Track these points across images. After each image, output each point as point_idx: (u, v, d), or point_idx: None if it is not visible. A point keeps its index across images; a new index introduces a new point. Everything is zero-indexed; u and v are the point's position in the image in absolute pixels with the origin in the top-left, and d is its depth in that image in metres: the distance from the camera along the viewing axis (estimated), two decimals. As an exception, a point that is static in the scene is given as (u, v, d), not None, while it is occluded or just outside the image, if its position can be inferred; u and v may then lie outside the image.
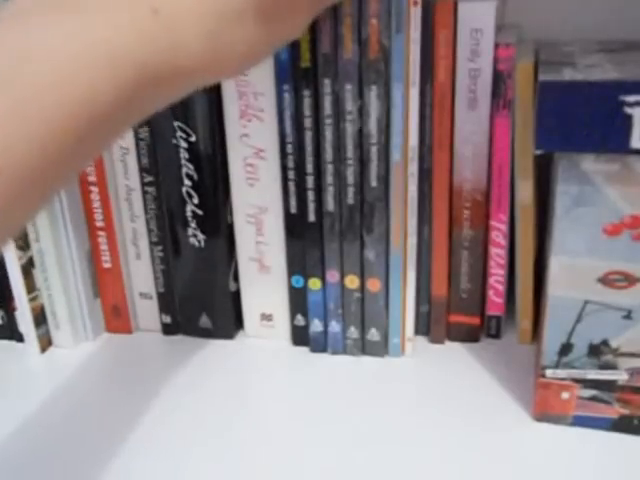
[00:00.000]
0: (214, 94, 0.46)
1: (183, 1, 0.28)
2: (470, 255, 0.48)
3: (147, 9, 0.27)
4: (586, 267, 0.39)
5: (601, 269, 0.39)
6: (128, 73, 0.26)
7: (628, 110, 0.35)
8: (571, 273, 0.40)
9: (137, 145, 0.48)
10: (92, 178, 0.50)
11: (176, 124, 0.47)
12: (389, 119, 0.43)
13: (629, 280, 0.39)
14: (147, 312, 0.54)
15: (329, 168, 0.45)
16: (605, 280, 0.39)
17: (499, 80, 0.44)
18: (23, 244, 0.50)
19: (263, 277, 0.50)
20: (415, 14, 0.42)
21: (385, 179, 0.45)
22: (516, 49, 0.44)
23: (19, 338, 0.54)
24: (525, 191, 0.46)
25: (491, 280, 0.49)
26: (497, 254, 0.48)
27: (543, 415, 0.42)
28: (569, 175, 0.38)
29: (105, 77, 0.25)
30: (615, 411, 0.41)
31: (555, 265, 0.40)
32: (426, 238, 0.48)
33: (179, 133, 0.47)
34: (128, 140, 0.49)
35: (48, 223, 0.49)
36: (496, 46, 0.43)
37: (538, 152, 0.37)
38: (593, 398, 0.41)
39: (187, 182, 0.48)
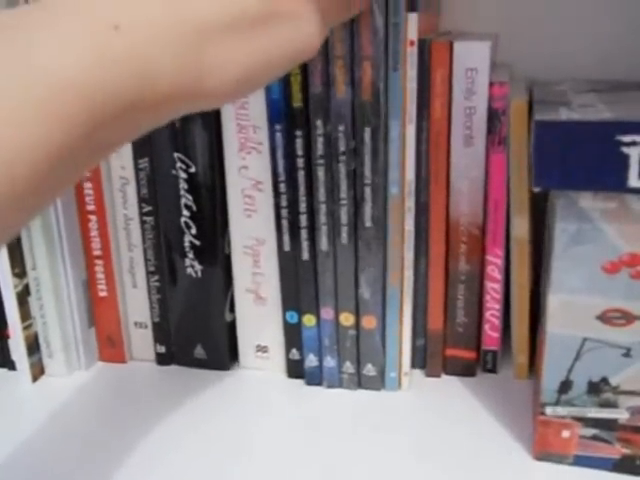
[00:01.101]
0: (214, 126, 0.46)
1: (149, 12, 0.24)
2: (466, 289, 0.48)
3: (106, 26, 0.23)
4: (585, 305, 0.40)
5: (600, 307, 0.39)
6: (89, 105, 0.22)
7: (624, 150, 0.36)
8: (570, 310, 0.40)
9: (137, 175, 0.48)
10: (91, 207, 0.50)
11: (176, 155, 0.47)
12: (386, 156, 0.44)
13: (628, 318, 0.39)
14: (142, 342, 0.54)
15: (322, 208, 0.45)
16: (604, 318, 0.40)
17: (494, 117, 0.44)
18: (20, 272, 0.50)
19: (259, 308, 0.50)
20: (411, 53, 0.42)
21: (380, 220, 0.45)
22: (510, 87, 0.45)
23: (11, 366, 0.53)
24: (521, 226, 0.46)
25: (487, 314, 0.49)
26: (493, 288, 0.48)
27: (543, 454, 0.42)
28: (567, 213, 0.38)
29: (60, 114, 0.22)
30: (617, 451, 0.41)
31: (553, 302, 0.40)
32: (422, 271, 0.48)
33: (179, 164, 0.47)
34: (128, 170, 0.49)
35: (45, 251, 0.49)
36: (491, 84, 0.44)
37: (536, 190, 0.38)
38: (594, 437, 0.41)
39: (185, 212, 0.48)
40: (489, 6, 0.59)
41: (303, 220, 0.46)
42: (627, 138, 0.36)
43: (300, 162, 0.45)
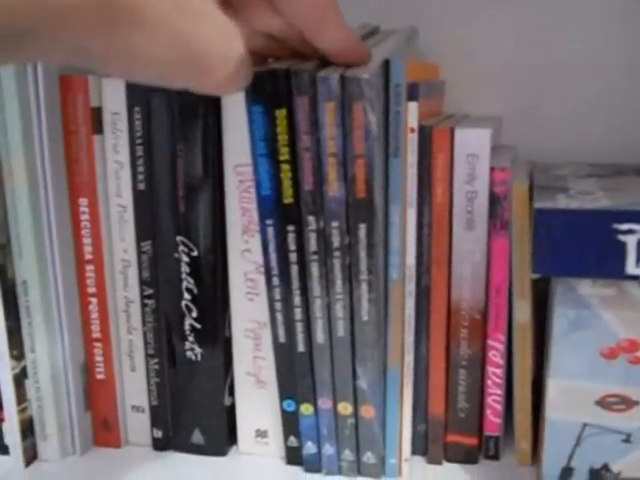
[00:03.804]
0: (218, 208, 0.47)
1: None
2: (467, 374, 0.48)
3: None
4: (584, 390, 0.40)
5: (599, 392, 0.39)
6: None
7: (621, 238, 0.37)
8: (569, 396, 0.40)
9: (139, 258, 0.49)
10: (92, 290, 0.50)
11: (179, 238, 0.47)
12: (386, 243, 0.44)
13: (627, 403, 0.39)
14: (138, 426, 0.53)
15: (317, 302, 0.45)
16: (603, 403, 0.39)
17: (495, 202, 0.45)
18: (18, 354, 0.49)
19: (259, 392, 0.50)
20: (412, 140, 0.43)
21: (377, 314, 0.44)
22: (511, 171, 0.46)
23: (4, 450, 0.52)
24: (523, 311, 0.47)
25: (489, 399, 0.49)
26: (494, 373, 0.48)
27: None
28: (566, 299, 0.39)
29: None
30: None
31: (553, 388, 0.40)
32: (423, 356, 0.48)
33: (181, 247, 0.47)
34: (130, 253, 0.49)
35: (45, 334, 0.49)
36: (492, 169, 0.45)
37: (535, 276, 0.38)
38: (598, 527, 0.40)
39: (187, 296, 0.48)
40: (493, 89, 0.61)
41: (298, 313, 0.45)
42: (624, 226, 0.36)
43: (293, 257, 0.44)
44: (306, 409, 0.48)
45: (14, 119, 0.46)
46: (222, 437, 0.51)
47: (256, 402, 0.50)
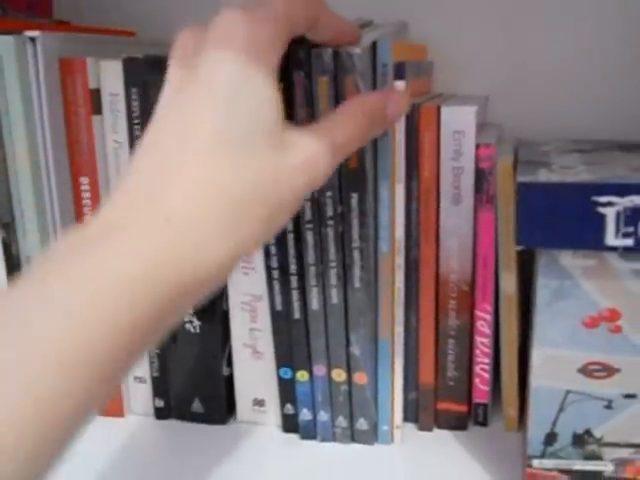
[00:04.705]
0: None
1: (194, 203, 0.28)
2: (456, 344, 0.49)
3: (160, 219, 0.28)
4: (566, 358, 0.41)
5: (581, 360, 0.41)
6: (150, 297, 0.26)
7: (601, 210, 0.38)
8: (552, 364, 0.41)
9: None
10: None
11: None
12: (376, 216, 0.45)
13: (608, 371, 0.40)
14: (141, 396, 0.55)
15: (312, 270, 0.46)
16: (585, 370, 0.41)
17: (481, 177, 0.46)
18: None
19: (256, 363, 0.52)
20: (400, 118, 0.44)
21: (368, 281, 0.46)
22: (497, 147, 0.47)
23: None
24: (509, 282, 0.48)
25: (477, 368, 0.50)
26: (482, 343, 0.50)
27: (531, 506, 0.43)
28: (549, 270, 0.40)
29: (125, 307, 0.26)
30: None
31: (537, 356, 0.41)
32: (413, 327, 0.50)
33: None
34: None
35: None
36: (477, 146, 0.46)
37: (519, 248, 0.39)
38: (581, 490, 0.42)
39: (184, 270, 0.50)
40: (480, 69, 0.62)
41: (294, 281, 0.47)
42: (603, 199, 0.37)
43: (289, 226, 0.46)
44: (302, 376, 0.49)
45: (16, 101, 0.47)
46: (221, 406, 0.53)
47: (253, 372, 0.52)
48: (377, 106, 0.38)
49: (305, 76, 0.42)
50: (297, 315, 0.48)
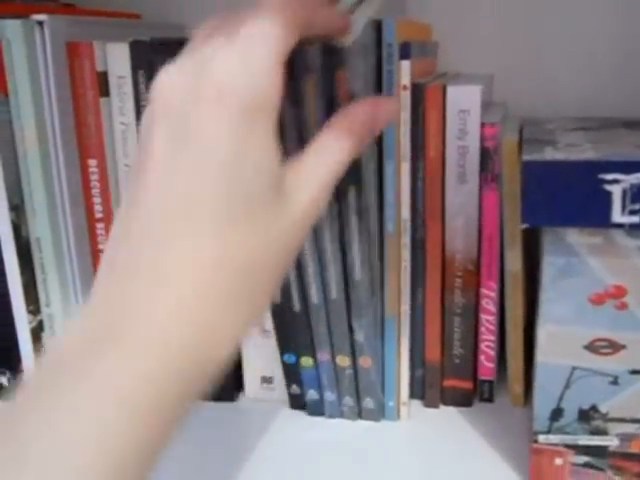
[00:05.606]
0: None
1: (206, 286, 0.27)
2: (462, 321, 0.50)
3: (172, 306, 0.27)
4: (573, 335, 0.41)
5: (587, 337, 0.41)
6: (176, 392, 0.27)
7: (607, 187, 0.38)
8: (558, 341, 0.41)
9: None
10: (103, 246, 0.52)
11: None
12: (381, 195, 0.45)
13: (614, 347, 0.41)
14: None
15: (310, 264, 0.46)
16: (591, 347, 0.41)
17: (486, 156, 0.46)
18: (34, 309, 0.52)
19: (264, 341, 0.52)
20: (405, 97, 0.45)
21: (369, 274, 0.46)
22: (502, 126, 0.47)
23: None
24: (514, 260, 0.48)
25: (482, 345, 0.51)
26: (487, 320, 0.50)
27: (538, 482, 0.43)
28: (555, 247, 0.40)
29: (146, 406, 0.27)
30: (609, 478, 0.42)
31: (543, 333, 0.41)
32: (419, 305, 0.50)
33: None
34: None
35: (59, 289, 0.51)
36: (482, 125, 0.46)
37: (525, 226, 0.40)
38: (586, 465, 0.42)
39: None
40: (484, 48, 0.62)
41: (292, 276, 0.47)
42: (609, 176, 0.38)
43: None
44: (306, 361, 0.50)
45: (24, 84, 0.47)
46: (230, 384, 0.54)
47: (261, 351, 0.53)
48: (367, 121, 0.35)
49: (289, 77, 0.41)
50: (297, 307, 0.48)
